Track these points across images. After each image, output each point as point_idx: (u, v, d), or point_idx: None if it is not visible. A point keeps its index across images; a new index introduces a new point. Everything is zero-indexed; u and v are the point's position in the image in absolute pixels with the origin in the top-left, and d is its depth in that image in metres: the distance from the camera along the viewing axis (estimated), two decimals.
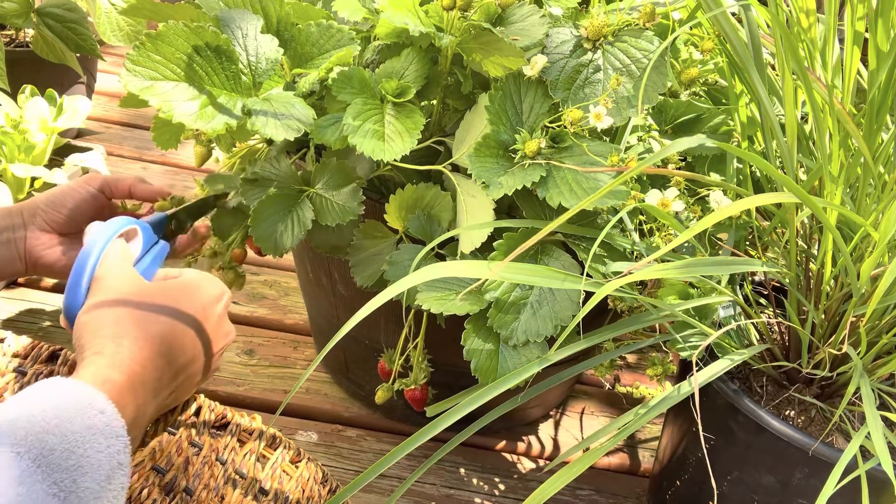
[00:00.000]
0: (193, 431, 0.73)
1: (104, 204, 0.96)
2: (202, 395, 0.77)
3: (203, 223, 1.01)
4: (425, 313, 0.88)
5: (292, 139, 0.77)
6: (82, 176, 0.89)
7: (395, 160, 0.78)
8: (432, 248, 0.79)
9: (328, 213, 0.86)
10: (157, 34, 0.75)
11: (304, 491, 0.75)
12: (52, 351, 0.74)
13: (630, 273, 0.68)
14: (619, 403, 1.27)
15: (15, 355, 0.73)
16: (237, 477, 0.73)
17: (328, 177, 0.87)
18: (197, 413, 0.75)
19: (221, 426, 0.76)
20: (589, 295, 0.69)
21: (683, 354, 0.80)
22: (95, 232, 0.74)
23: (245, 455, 0.75)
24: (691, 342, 0.81)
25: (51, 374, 0.72)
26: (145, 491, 0.66)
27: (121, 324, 0.60)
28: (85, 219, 0.91)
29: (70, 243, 0.93)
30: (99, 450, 0.49)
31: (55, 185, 1.24)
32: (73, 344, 0.63)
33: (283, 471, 0.76)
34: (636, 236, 0.81)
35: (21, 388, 0.69)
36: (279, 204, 0.87)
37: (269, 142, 0.97)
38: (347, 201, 0.85)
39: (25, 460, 0.45)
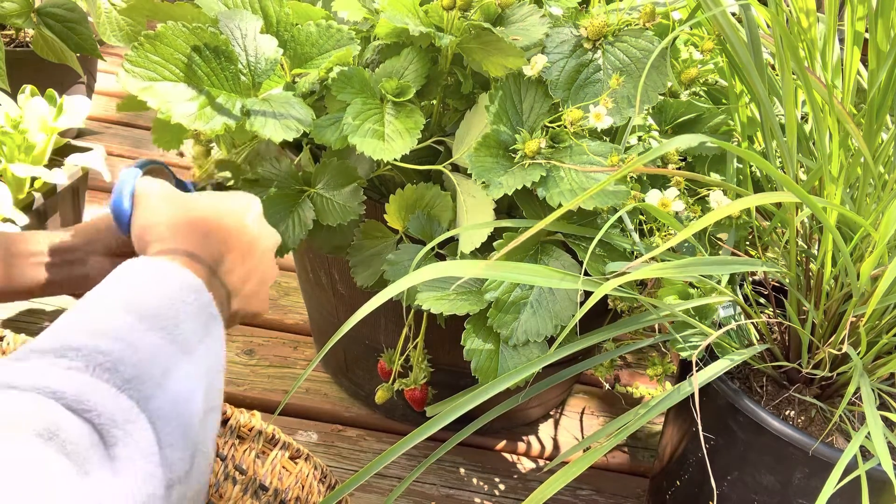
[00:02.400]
0: None
1: None
2: None
3: None
4: (425, 313, 0.88)
5: (290, 140, 0.77)
6: None
7: (395, 160, 0.78)
8: (432, 248, 0.79)
9: (329, 213, 0.86)
10: (156, 35, 0.75)
11: (303, 487, 0.75)
12: None
13: (628, 272, 0.68)
14: (619, 403, 1.27)
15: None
16: (237, 473, 0.73)
17: (329, 177, 0.87)
18: None
19: (221, 423, 0.76)
20: (589, 295, 0.69)
21: (683, 354, 0.80)
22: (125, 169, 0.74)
23: (244, 451, 0.75)
24: (691, 342, 0.81)
25: None
26: None
27: (180, 228, 0.62)
28: None
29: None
30: (188, 301, 0.53)
31: (55, 185, 1.24)
32: (136, 248, 0.65)
33: (283, 467, 0.76)
34: (636, 236, 0.81)
35: None
36: (280, 204, 0.87)
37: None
38: (348, 201, 0.85)
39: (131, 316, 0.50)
